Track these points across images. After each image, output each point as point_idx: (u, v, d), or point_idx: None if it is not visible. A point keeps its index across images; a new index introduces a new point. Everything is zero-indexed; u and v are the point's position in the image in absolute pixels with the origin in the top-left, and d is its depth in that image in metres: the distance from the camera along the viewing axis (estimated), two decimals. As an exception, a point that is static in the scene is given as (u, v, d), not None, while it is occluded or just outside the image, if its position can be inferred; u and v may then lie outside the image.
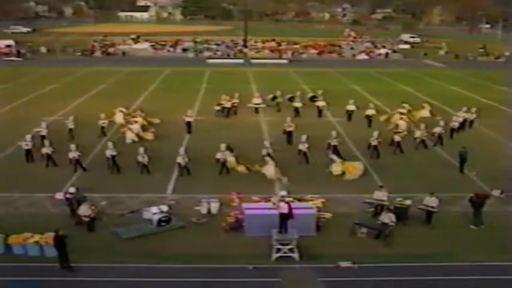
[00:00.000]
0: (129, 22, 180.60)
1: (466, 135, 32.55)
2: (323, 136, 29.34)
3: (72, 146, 25.90)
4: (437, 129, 30.85)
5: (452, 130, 32.46)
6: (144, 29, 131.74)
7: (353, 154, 28.64)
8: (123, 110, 34.97)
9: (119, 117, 33.99)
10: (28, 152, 26.89)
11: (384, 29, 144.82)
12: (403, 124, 32.21)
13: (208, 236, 19.19)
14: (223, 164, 25.62)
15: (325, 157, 27.18)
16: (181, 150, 25.83)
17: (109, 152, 25.69)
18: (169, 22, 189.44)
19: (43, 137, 28.40)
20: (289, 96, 40.84)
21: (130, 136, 30.46)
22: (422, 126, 30.69)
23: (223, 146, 25.95)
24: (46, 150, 26.23)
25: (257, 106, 38.95)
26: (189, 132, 32.68)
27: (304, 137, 27.65)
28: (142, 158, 25.37)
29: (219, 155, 25.67)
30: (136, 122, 31.95)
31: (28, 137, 27.35)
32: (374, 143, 28.20)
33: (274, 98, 40.43)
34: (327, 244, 18.63)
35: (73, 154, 25.64)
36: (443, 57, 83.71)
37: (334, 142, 27.97)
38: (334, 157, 26.48)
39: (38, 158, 26.90)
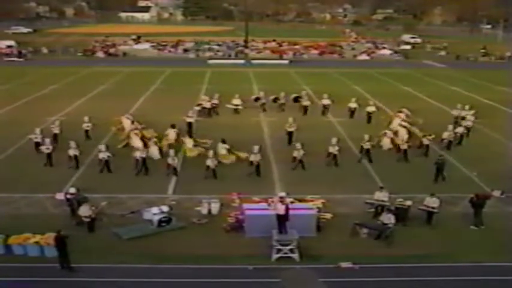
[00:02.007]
0: (130, 23, 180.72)
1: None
2: (326, 136, 29.43)
3: (102, 147, 25.84)
4: (460, 129, 31.20)
5: (468, 130, 32.57)
6: (145, 29, 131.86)
7: (354, 153, 28.62)
8: (130, 117, 33.03)
9: (126, 125, 32.01)
10: (49, 156, 26.48)
11: (385, 30, 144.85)
12: (402, 131, 30.66)
13: (209, 237, 19.18)
14: (258, 166, 25.39)
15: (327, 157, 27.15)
16: (210, 153, 25.42)
17: (138, 154, 25.56)
18: (170, 23, 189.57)
19: (37, 144, 27.90)
20: (273, 97, 40.86)
21: (155, 152, 27.58)
22: (450, 127, 30.75)
23: (256, 148, 25.72)
24: (73, 151, 26.04)
25: (236, 107, 38.61)
26: (190, 132, 32.59)
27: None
28: (173, 161, 25.14)
29: (252, 157, 25.44)
30: (136, 134, 29.70)
31: (47, 141, 26.91)
32: (404, 146, 27.95)
33: (257, 99, 40.23)
34: (328, 244, 18.61)
35: (103, 155, 25.55)
36: (444, 57, 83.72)
37: (366, 145, 27.77)
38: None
39: (56, 160, 26.59)
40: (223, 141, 27.78)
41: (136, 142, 27.95)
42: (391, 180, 24.15)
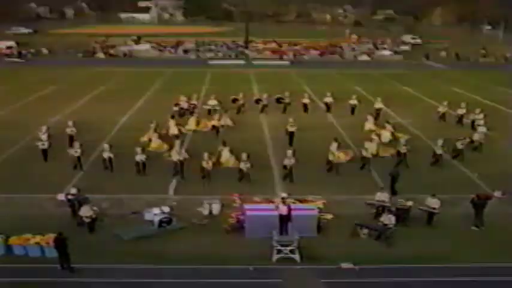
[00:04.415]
0: (130, 23, 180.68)
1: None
2: (327, 136, 29.41)
3: (138, 149, 25.64)
4: (481, 129, 31.55)
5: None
6: (145, 30, 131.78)
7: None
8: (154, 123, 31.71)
9: (151, 131, 31.07)
10: (79, 159, 26.17)
11: (385, 30, 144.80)
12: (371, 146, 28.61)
13: (210, 237, 19.19)
14: (291, 170, 25.00)
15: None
16: (244, 156, 25.00)
17: (176, 157, 25.35)
18: (171, 23, 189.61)
19: (44, 151, 27.44)
20: (255, 98, 40.60)
21: (227, 155, 27.04)
22: (480, 129, 30.91)
23: (289, 152, 25.44)
24: (108, 154, 25.91)
25: (212, 108, 38.07)
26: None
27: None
28: (207, 164, 24.83)
29: (286, 161, 25.18)
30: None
31: (77, 144, 26.47)
32: (439, 151, 27.47)
33: (235, 100, 39.74)
34: (328, 245, 18.62)
35: (140, 157, 25.40)
36: (445, 58, 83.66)
37: (403, 150, 27.30)
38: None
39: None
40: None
41: (176, 146, 27.03)
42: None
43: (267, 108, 39.35)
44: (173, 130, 31.48)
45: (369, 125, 33.70)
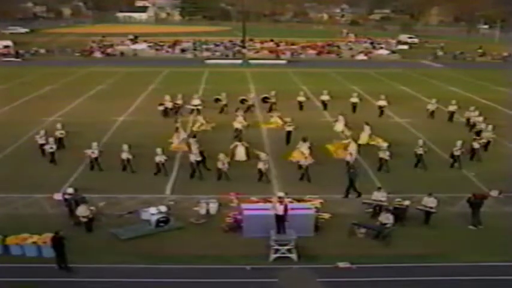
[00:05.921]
0: (127, 23, 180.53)
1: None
2: (325, 135, 29.40)
3: (159, 150, 25.49)
4: (482, 126, 32.03)
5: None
6: (142, 29, 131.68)
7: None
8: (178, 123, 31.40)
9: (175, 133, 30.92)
10: (96, 159, 26.02)
11: (382, 30, 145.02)
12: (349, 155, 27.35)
13: (207, 237, 19.19)
14: (306, 169, 24.88)
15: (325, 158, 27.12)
16: (262, 155, 25.00)
17: (193, 158, 25.24)
18: (168, 23, 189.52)
19: (52, 154, 27.02)
20: (241, 98, 40.41)
21: (242, 152, 27.71)
22: (490, 127, 30.90)
23: (306, 152, 25.35)
24: (126, 155, 25.79)
25: (195, 107, 38.00)
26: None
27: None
28: (223, 165, 24.69)
29: (302, 161, 25.04)
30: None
31: (94, 144, 26.25)
32: (457, 153, 27.18)
33: (217, 99, 39.47)
34: (326, 245, 18.63)
35: (159, 158, 25.24)
36: (442, 57, 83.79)
37: (419, 151, 27.04)
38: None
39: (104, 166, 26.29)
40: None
41: (193, 147, 26.94)
42: (389, 180, 24.20)
43: (254, 107, 39.37)
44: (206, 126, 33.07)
45: (340, 125, 33.22)
